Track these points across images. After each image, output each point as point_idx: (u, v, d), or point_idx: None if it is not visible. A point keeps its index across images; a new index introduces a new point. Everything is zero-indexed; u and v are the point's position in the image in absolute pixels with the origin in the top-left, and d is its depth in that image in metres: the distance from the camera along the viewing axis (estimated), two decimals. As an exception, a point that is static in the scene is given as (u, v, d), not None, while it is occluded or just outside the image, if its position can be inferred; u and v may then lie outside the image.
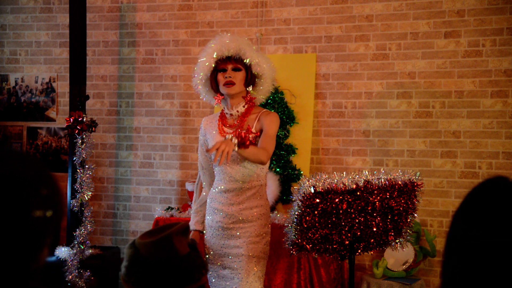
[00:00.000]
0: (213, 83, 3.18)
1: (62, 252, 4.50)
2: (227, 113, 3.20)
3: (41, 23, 5.94)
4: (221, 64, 3.14)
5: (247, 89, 3.18)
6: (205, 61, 3.15)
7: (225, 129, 3.19)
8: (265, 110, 3.21)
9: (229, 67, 3.13)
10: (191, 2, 5.57)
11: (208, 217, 3.21)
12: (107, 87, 5.77)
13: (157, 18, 5.66)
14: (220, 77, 3.14)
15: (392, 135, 5.04)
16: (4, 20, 6.03)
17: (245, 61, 3.14)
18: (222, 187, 3.14)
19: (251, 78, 3.17)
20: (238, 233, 3.10)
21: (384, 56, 5.07)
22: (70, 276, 4.46)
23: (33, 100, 5.93)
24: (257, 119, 3.15)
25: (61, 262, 4.51)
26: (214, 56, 3.12)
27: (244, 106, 3.17)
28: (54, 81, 5.90)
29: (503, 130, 4.80)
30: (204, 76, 3.19)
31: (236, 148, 2.70)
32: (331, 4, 5.21)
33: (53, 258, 4.58)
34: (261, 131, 3.10)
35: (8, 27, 6.02)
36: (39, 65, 5.94)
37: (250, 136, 3.00)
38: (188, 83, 5.56)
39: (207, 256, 3.21)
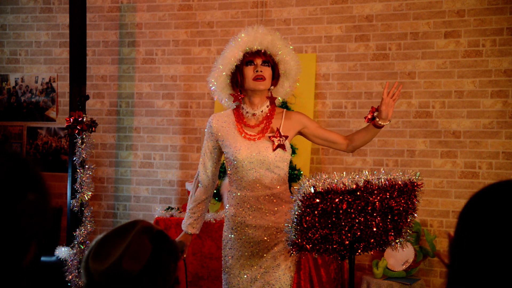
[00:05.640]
0: (239, 76, 2.93)
1: (62, 252, 4.50)
2: (248, 113, 2.97)
3: (41, 23, 5.94)
4: (249, 57, 2.93)
5: (270, 88, 3.00)
6: (233, 52, 2.92)
7: (246, 130, 2.97)
8: (285, 110, 3.06)
9: (258, 61, 2.93)
10: (191, 2, 5.57)
11: (231, 235, 2.99)
12: (107, 87, 5.77)
13: (157, 18, 5.66)
14: (249, 71, 2.92)
15: (392, 135, 5.04)
16: (4, 20, 6.03)
17: (276, 57, 2.96)
18: (248, 194, 2.93)
19: (277, 76, 3.00)
20: (274, 244, 2.94)
21: (384, 56, 5.07)
22: (70, 276, 4.46)
23: (33, 100, 5.93)
24: (283, 120, 2.99)
25: (61, 262, 4.51)
26: (247, 49, 2.93)
27: (268, 106, 2.98)
28: (54, 81, 5.90)
29: (503, 130, 4.80)
30: (228, 68, 2.94)
31: (390, 121, 2.92)
32: (331, 4, 5.21)
33: (53, 258, 4.58)
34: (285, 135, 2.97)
35: (8, 27, 6.02)
36: (39, 65, 5.94)
37: (281, 139, 2.92)
38: (188, 83, 5.56)
39: (225, 269, 3.02)
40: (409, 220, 2.63)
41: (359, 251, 2.66)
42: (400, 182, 2.51)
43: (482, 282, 1.16)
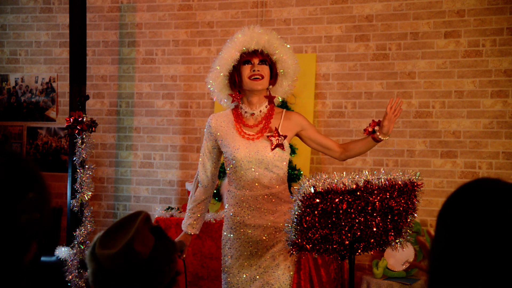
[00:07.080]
0: (236, 77, 2.94)
1: (62, 252, 4.50)
2: (246, 113, 2.98)
3: (41, 23, 5.94)
4: (246, 57, 2.93)
5: (268, 87, 2.98)
6: (230, 52, 2.92)
7: (245, 129, 2.97)
8: (284, 109, 3.05)
9: (256, 60, 2.93)
10: (191, 2, 5.57)
11: (230, 235, 2.99)
12: (107, 87, 5.77)
13: (157, 18, 5.66)
14: (246, 70, 2.92)
15: (392, 135, 5.04)
16: (4, 20, 6.03)
17: (274, 56, 2.95)
18: (247, 193, 2.93)
19: (275, 75, 2.99)
20: (273, 244, 2.94)
21: (384, 56, 5.07)
22: (70, 276, 4.46)
23: (33, 100, 5.93)
24: (282, 120, 2.99)
25: (61, 262, 4.51)
26: (243, 49, 2.92)
27: (266, 106, 2.98)
28: (54, 81, 5.90)
29: (503, 130, 4.81)
30: (226, 68, 2.94)
31: (389, 137, 2.98)
32: (331, 4, 5.21)
33: (53, 258, 4.58)
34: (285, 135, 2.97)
35: (8, 27, 6.02)
36: (39, 65, 5.94)
37: (279, 139, 2.92)
38: (188, 83, 5.56)
39: (225, 269, 3.02)
40: (409, 220, 2.63)
41: (359, 251, 2.66)
42: (400, 182, 2.51)
43: (462, 280, 1.16)
